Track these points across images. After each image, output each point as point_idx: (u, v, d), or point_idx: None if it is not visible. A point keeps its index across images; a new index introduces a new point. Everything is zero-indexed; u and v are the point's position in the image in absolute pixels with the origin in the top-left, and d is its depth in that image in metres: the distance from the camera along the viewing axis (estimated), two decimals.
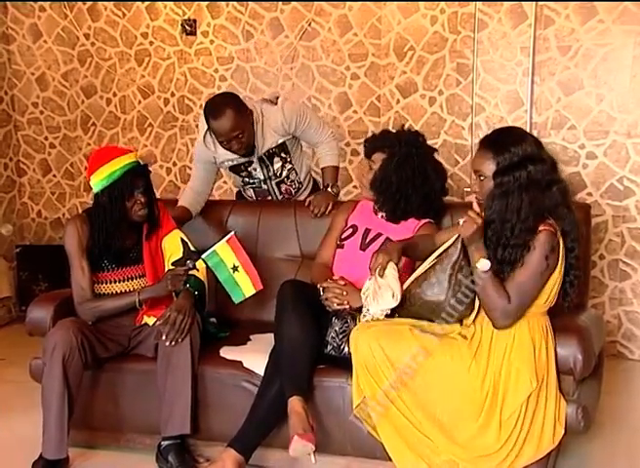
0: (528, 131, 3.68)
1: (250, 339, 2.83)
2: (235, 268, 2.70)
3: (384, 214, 2.81)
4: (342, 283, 2.58)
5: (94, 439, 2.81)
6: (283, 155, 3.19)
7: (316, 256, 2.90)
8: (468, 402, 2.25)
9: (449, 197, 3.87)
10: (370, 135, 2.96)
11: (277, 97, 3.17)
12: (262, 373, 2.58)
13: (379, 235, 2.77)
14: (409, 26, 3.89)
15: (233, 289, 2.72)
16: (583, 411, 2.37)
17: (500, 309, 2.24)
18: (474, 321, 2.36)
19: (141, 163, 2.71)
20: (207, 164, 3.18)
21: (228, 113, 2.91)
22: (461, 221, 2.28)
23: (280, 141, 3.12)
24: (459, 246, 2.30)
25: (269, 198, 3.34)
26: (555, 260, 2.25)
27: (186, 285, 2.72)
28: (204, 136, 3.09)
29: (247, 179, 3.28)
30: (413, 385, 2.28)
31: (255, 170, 3.20)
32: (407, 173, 2.71)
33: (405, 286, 2.39)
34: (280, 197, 3.30)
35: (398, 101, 3.97)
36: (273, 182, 3.27)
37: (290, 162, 3.23)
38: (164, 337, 2.57)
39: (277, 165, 3.20)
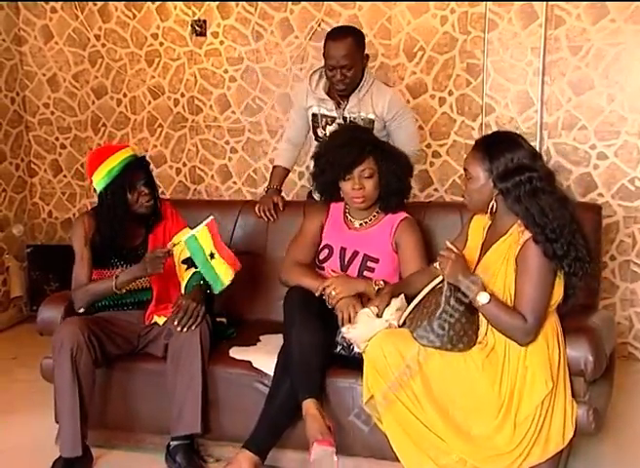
0: (538, 131, 3.73)
1: (259, 340, 2.83)
2: (212, 255, 2.65)
3: (384, 209, 2.77)
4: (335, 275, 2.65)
5: (104, 438, 2.82)
6: None
7: (287, 259, 2.81)
8: (483, 401, 2.25)
9: (458, 197, 3.91)
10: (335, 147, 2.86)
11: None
12: (272, 374, 2.58)
13: (356, 253, 2.74)
14: (419, 27, 3.88)
15: (213, 278, 2.68)
16: (594, 413, 2.36)
17: (519, 330, 2.21)
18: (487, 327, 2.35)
19: (138, 156, 2.75)
20: (301, 110, 3.22)
21: (348, 40, 2.98)
22: (436, 265, 2.26)
23: (371, 117, 3.11)
24: (444, 291, 2.26)
25: None
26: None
27: (200, 281, 2.72)
28: (312, 73, 3.18)
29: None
30: (426, 382, 2.28)
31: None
32: (400, 160, 2.75)
33: (403, 317, 2.39)
34: None
35: (408, 102, 3.95)
36: None
37: None
38: (175, 323, 2.58)
39: None
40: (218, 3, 4.16)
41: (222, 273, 2.67)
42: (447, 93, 3.90)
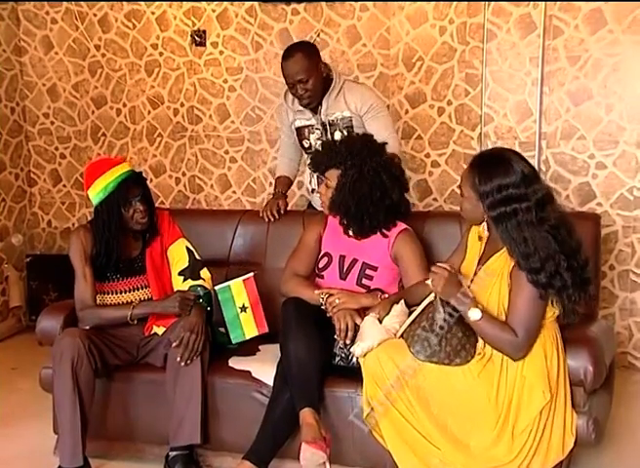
0: (537, 141, 3.73)
1: (259, 350, 2.83)
2: (243, 308, 2.77)
3: (353, 232, 2.77)
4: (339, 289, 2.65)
5: (104, 449, 2.81)
6: (345, 134, 3.15)
7: (286, 270, 2.83)
8: (481, 412, 2.24)
9: (457, 207, 3.91)
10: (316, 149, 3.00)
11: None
12: (271, 383, 2.58)
13: (355, 261, 2.73)
14: (417, 37, 3.90)
15: (235, 329, 2.78)
16: (594, 423, 2.36)
17: (510, 345, 2.21)
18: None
19: (136, 171, 2.74)
20: (286, 128, 3.33)
21: (297, 56, 3.05)
22: (429, 281, 2.25)
23: (347, 115, 3.15)
24: (437, 307, 2.26)
25: None
26: None
27: (199, 299, 2.71)
28: (286, 91, 3.25)
29: (310, 157, 3.28)
30: (422, 393, 2.27)
31: (315, 141, 3.22)
32: (364, 190, 2.66)
33: (400, 331, 2.38)
34: None
35: (407, 111, 3.97)
36: None
37: None
38: (178, 359, 2.57)
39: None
40: (217, 14, 4.18)
41: (247, 329, 2.79)
42: (446, 102, 3.91)
